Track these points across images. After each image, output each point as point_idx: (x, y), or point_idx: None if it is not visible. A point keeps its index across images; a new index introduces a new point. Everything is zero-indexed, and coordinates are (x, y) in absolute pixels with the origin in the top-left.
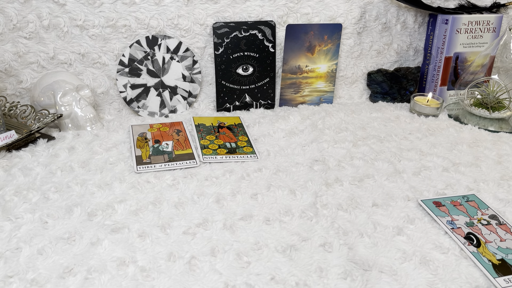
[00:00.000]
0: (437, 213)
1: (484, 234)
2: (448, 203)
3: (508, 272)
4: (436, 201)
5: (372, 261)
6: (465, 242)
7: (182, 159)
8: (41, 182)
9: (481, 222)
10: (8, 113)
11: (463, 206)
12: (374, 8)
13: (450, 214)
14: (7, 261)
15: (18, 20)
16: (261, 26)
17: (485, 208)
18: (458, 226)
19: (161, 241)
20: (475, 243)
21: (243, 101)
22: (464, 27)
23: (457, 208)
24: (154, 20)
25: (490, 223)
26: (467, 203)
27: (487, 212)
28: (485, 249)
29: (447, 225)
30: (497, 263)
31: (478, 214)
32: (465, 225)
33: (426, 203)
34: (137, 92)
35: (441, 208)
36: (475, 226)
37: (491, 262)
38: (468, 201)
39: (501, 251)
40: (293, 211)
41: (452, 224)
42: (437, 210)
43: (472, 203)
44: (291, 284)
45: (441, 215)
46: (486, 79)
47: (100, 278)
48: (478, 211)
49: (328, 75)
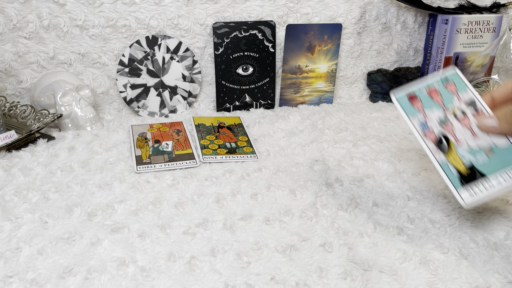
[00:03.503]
0: (409, 110)
1: (456, 132)
2: (424, 94)
3: (472, 178)
4: (411, 94)
5: (372, 261)
6: (433, 149)
7: (182, 159)
8: (41, 182)
9: (455, 114)
10: (8, 113)
11: (439, 94)
12: (374, 8)
13: (423, 110)
14: (7, 261)
15: (18, 20)
16: (261, 26)
17: (464, 89)
18: (429, 127)
19: (161, 241)
20: (444, 148)
21: (243, 101)
22: (464, 27)
23: (433, 98)
24: (154, 20)
25: (466, 114)
26: (444, 88)
27: (467, 98)
28: (454, 154)
29: (418, 127)
30: (464, 172)
31: (455, 101)
32: (438, 123)
33: (400, 100)
34: (137, 92)
35: (415, 102)
36: (448, 123)
37: (458, 171)
38: (446, 82)
39: (471, 153)
40: (293, 211)
41: (423, 125)
42: (410, 106)
43: (450, 86)
44: (291, 284)
45: (413, 112)
46: (486, 79)
47: (100, 278)
48: (455, 97)
49: (328, 75)
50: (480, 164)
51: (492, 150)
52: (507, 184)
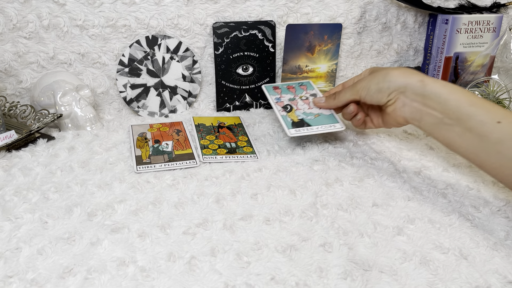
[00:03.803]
0: (271, 93)
1: (298, 105)
2: (284, 88)
3: (300, 125)
4: (275, 86)
5: (372, 261)
6: (280, 109)
7: (182, 159)
8: (41, 182)
9: (301, 98)
10: (8, 113)
11: (295, 89)
12: (374, 8)
13: (281, 94)
14: (7, 261)
15: (18, 20)
16: (261, 26)
17: (311, 89)
18: (282, 101)
19: (161, 241)
20: (288, 109)
21: (243, 101)
22: (464, 27)
23: (289, 90)
24: (154, 20)
25: (308, 98)
26: (300, 87)
27: (311, 92)
28: (293, 113)
29: (274, 100)
30: (297, 120)
31: (303, 93)
32: (288, 100)
33: (267, 88)
34: (137, 92)
35: (277, 90)
36: (295, 101)
37: (292, 120)
38: (301, 85)
39: (304, 114)
40: (293, 211)
41: (278, 99)
42: (273, 91)
43: (303, 86)
44: (291, 284)
45: (274, 94)
46: (486, 79)
47: (100, 278)
48: (304, 91)
49: (328, 75)
50: (308, 119)
51: (319, 114)
52: (322, 130)
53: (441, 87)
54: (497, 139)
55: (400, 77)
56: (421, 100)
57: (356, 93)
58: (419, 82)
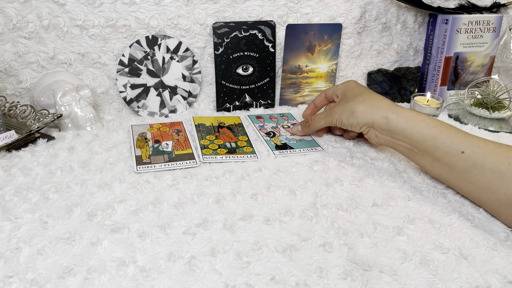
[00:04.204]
0: (254, 121)
1: (281, 132)
2: (267, 117)
3: (283, 148)
4: (258, 116)
5: (372, 261)
6: (263, 135)
7: (182, 159)
8: (41, 182)
9: (283, 127)
10: (8, 113)
11: (277, 119)
12: (374, 8)
13: (264, 122)
14: (7, 261)
15: (18, 20)
16: (261, 26)
17: (292, 120)
18: (265, 128)
19: (161, 241)
20: (271, 135)
21: (243, 101)
22: (464, 27)
23: (271, 119)
24: (154, 20)
25: (290, 127)
26: (281, 117)
27: (292, 122)
28: (276, 139)
29: (258, 128)
30: (280, 144)
31: (285, 122)
32: (271, 127)
33: (251, 117)
34: (137, 92)
35: (260, 119)
36: (277, 128)
37: (275, 144)
38: (282, 116)
39: (286, 140)
40: (293, 211)
41: (261, 127)
42: (256, 120)
43: (284, 117)
44: (291, 284)
45: (257, 123)
46: (486, 79)
47: (100, 278)
48: (285, 121)
49: (328, 75)
50: (291, 144)
51: (301, 140)
52: (304, 152)
53: (404, 122)
54: (462, 167)
55: (365, 114)
56: (389, 134)
57: (330, 122)
58: (383, 119)
